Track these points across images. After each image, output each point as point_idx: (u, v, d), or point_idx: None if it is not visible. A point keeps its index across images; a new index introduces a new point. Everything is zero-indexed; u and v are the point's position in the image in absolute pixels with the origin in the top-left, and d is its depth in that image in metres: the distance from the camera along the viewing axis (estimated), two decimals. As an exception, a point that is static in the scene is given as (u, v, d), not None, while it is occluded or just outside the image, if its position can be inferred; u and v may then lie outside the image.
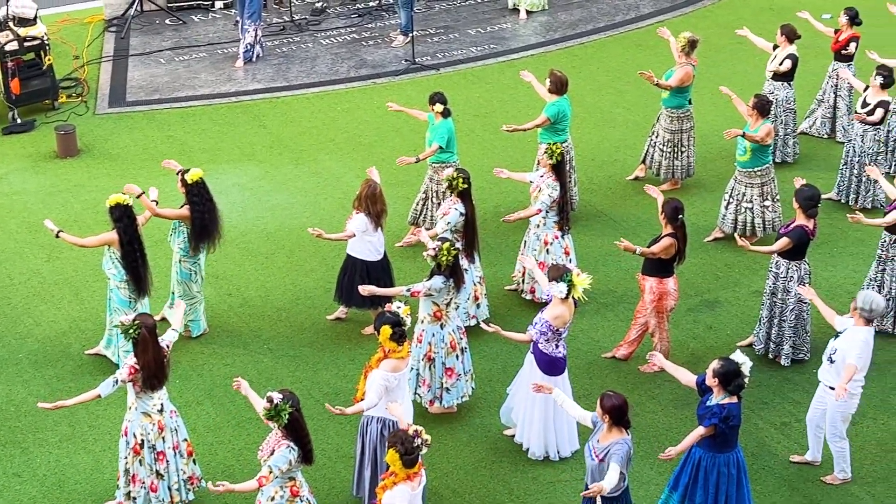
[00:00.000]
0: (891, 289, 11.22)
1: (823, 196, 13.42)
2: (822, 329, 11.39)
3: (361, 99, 16.52)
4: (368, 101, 16.42)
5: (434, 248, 9.88)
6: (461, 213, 10.93)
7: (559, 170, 11.40)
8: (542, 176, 11.53)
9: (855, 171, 13.40)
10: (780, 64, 14.05)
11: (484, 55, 17.87)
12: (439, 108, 12.32)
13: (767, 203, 12.63)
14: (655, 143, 13.92)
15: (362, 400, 8.90)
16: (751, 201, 12.64)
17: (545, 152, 11.37)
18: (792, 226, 10.66)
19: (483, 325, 9.88)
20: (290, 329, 11.67)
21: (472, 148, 14.93)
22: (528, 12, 19.18)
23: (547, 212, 11.44)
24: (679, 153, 13.81)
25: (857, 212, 11.84)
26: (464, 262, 10.95)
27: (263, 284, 12.38)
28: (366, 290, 9.88)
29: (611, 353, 11.22)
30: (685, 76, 13.44)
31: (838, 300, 11.85)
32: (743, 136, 12.29)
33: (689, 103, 13.74)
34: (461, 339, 10.27)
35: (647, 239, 11.14)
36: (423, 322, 10.14)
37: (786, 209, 12.71)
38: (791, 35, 14.04)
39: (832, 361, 9.25)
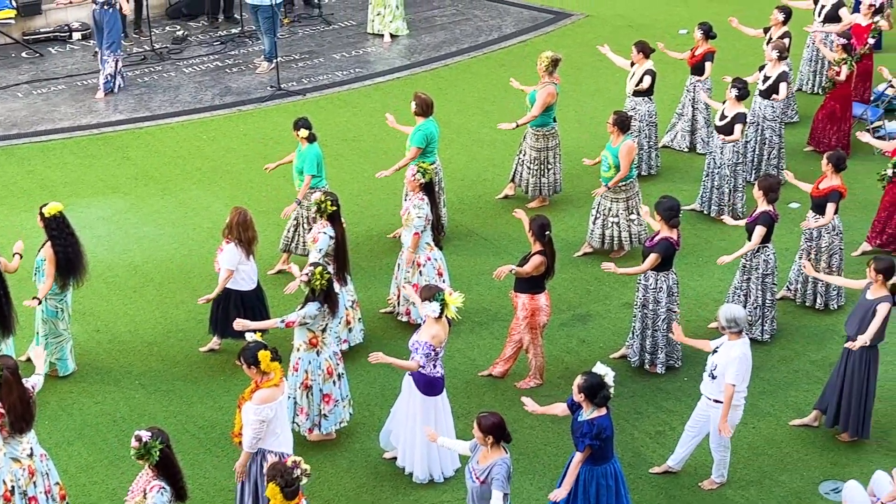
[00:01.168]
0: (756, 297, 11.50)
1: (686, 207, 13.79)
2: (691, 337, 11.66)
3: (227, 126, 16.34)
4: (234, 129, 16.26)
5: (307, 274, 9.80)
6: (331, 237, 10.87)
7: (429, 189, 11.44)
8: (408, 198, 11.56)
9: (716, 183, 13.73)
10: (640, 81, 14.33)
11: (350, 79, 17.86)
12: (304, 133, 12.25)
13: (633, 217, 12.86)
14: (523, 161, 14.07)
15: (241, 433, 8.78)
16: (617, 216, 12.86)
17: (416, 172, 11.39)
18: (657, 238, 10.85)
19: (370, 358, 9.69)
20: (161, 363, 11.45)
21: (341, 172, 14.88)
22: (392, 36, 19.25)
23: (424, 231, 11.46)
24: (546, 170, 13.97)
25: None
26: (336, 286, 10.91)
27: (133, 319, 12.12)
28: (240, 324, 9.72)
29: (487, 371, 11.27)
30: (548, 96, 13.61)
31: (706, 308, 12.12)
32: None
33: (554, 121, 13.92)
34: (338, 364, 10.20)
35: (518, 256, 11.22)
36: (298, 350, 10.04)
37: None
38: (646, 51, 14.32)
39: (714, 377, 9.40)
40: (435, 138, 12.92)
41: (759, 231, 11.19)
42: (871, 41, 15.50)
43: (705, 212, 13.90)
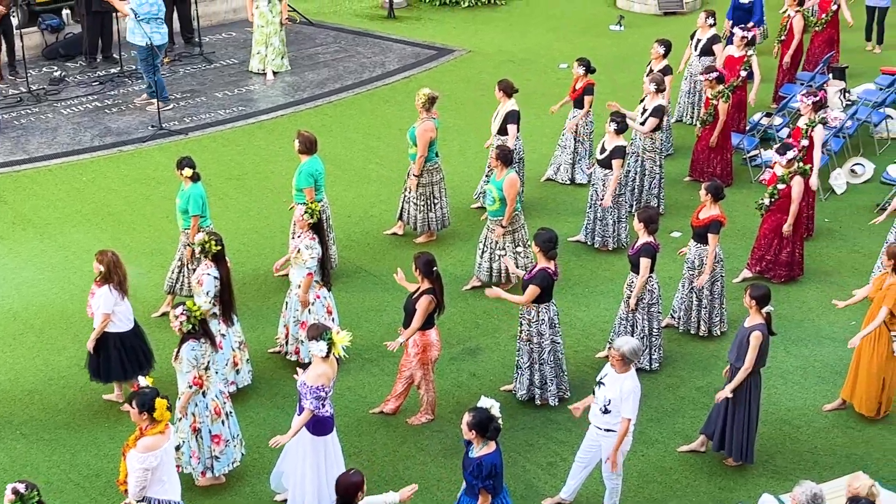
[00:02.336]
0: (643, 327, 11.66)
1: (571, 239, 13.97)
2: (579, 367, 11.77)
3: (108, 168, 16.06)
4: (115, 170, 15.98)
5: (181, 313, 9.66)
6: (216, 278, 10.73)
7: (318, 228, 11.38)
8: (299, 236, 11.47)
9: (598, 214, 13.91)
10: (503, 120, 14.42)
11: (233, 117, 17.71)
12: (188, 172, 12.10)
13: (520, 249, 12.95)
14: (409, 197, 14.08)
15: (126, 481, 8.58)
16: (503, 248, 12.94)
17: (304, 212, 11.31)
18: (535, 270, 10.94)
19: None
20: (43, 411, 11.13)
21: (226, 211, 14.72)
22: (274, 73, 19.17)
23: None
24: (432, 205, 14.00)
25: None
26: (221, 327, 10.75)
27: (12, 367, 11.77)
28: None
29: (378, 409, 11.20)
30: (427, 132, 13.62)
31: (593, 339, 12.25)
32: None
33: (437, 156, 13.97)
34: (224, 403, 10.04)
35: (406, 293, 11.19)
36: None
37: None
38: (508, 90, 14.42)
39: (607, 412, 9.43)
40: (321, 175, 12.87)
41: (645, 263, 11.35)
42: (744, 73, 15.91)
43: (589, 243, 14.06)
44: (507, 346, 12.19)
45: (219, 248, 10.75)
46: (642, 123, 14.40)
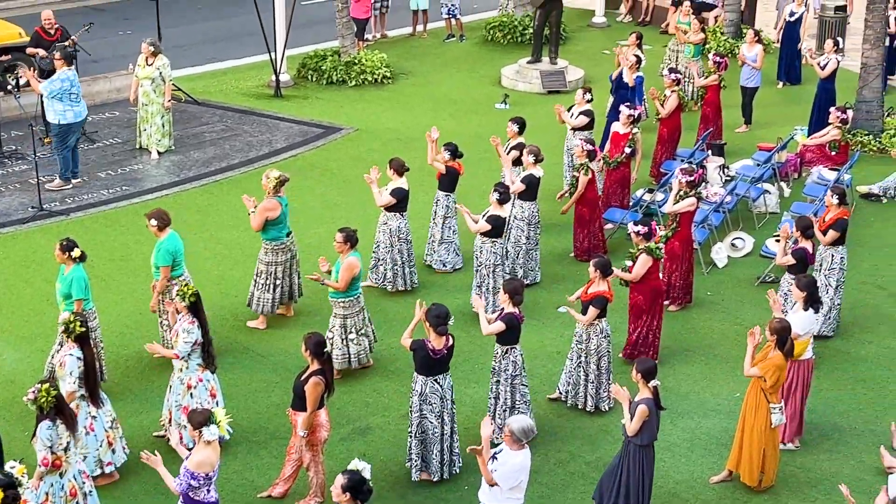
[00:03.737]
0: (506, 399, 11.72)
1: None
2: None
3: (-14, 250, 15.69)
4: (-6, 253, 15.63)
5: (33, 391, 9.44)
6: (78, 358, 10.52)
7: (196, 310, 11.21)
8: (180, 317, 11.29)
9: (477, 281, 14.05)
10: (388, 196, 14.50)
11: (116, 197, 17.46)
12: (77, 252, 11.90)
13: (352, 336, 12.84)
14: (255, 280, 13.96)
15: None
16: (331, 332, 12.83)
17: (177, 295, 11.15)
18: (414, 346, 10.99)
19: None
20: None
21: (107, 293, 14.44)
22: (159, 152, 18.98)
23: (189, 354, 11.18)
24: (274, 286, 13.81)
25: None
26: (91, 409, 10.55)
27: None
28: None
29: (267, 493, 10.99)
30: (265, 211, 13.58)
31: (482, 414, 12.23)
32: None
33: (287, 236, 13.84)
34: (84, 483, 9.77)
35: (295, 371, 11.05)
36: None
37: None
38: (400, 168, 14.54)
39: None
40: (180, 251, 12.68)
41: (498, 327, 11.44)
42: (628, 149, 16.24)
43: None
44: (397, 425, 12.10)
45: (83, 329, 10.53)
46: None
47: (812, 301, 11.66)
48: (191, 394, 11.26)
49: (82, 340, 10.57)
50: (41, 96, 17.54)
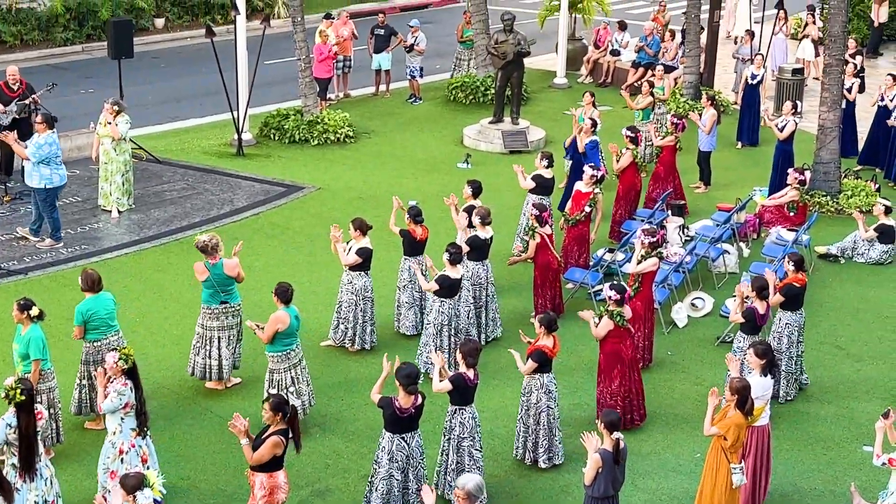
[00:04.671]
0: (452, 460, 11.72)
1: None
2: None
3: (-58, 309, 15.48)
4: (-51, 312, 15.42)
5: None
6: (9, 425, 10.41)
7: (132, 373, 11.05)
8: (115, 380, 11.11)
9: (437, 343, 14.03)
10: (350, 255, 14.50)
11: (76, 256, 17.33)
12: (35, 311, 11.82)
13: (292, 389, 12.78)
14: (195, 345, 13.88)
15: None
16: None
17: (119, 359, 10.99)
18: (383, 403, 11.01)
19: None
20: None
21: (65, 352, 14.25)
22: (119, 211, 18.90)
23: (123, 419, 11.04)
24: (210, 352, 13.72)
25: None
26: (17, 481, 10.40)
27: None
28: None
29: (224, 557, 10.86)
30: (197, 273, 13.62)
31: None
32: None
33: (220, 303, 13.70)
34: None
35: (255, 432, 10.94)
36: None
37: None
38: (363, 228, 14.55)
39: None
40: (101, 312, 12.55)
41: (444, 386, 11.49)
42: (588, 209, 16.35)
43: (423, 370, 14.12)
44: (357, 487, 12.00)
45: (23, 397, 10.38)
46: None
47: (769, 367, 11.74)
48: (121, 458, 11.06)
49: (21, 408, 10.39)
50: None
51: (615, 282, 13.35)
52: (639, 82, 24.66)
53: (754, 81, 23.77)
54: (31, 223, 17.71)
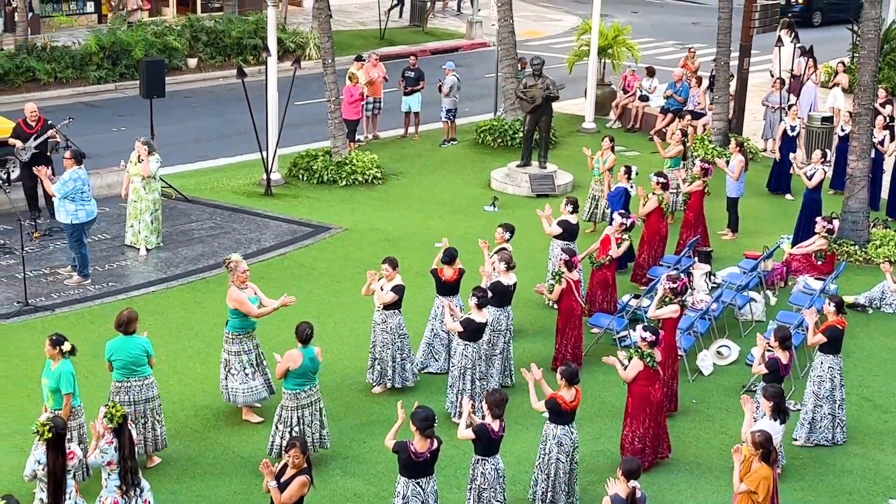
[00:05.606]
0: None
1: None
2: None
3: (-31, 344, 15.61)
4: (-23, 347, 15.54)
5: None
6: (38, 461, 10.48)
7: (119, 432, 10.89)
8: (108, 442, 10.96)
9: (459, 387, 14.01)
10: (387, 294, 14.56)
11: (103, 293, 17.43)
12: (67, 346, 11.91)
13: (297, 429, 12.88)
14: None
15: None
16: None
17: (104, 416, 10.86)
18: (410, 446, 11.00)
19: None
20: None
21: (90, 389, 14.28)
22: (147, 249, 19.01)
23: (108, 475, 10.96)
24: (234, 374, 13.96)
25: None
26: None
27: None
28: None
29: None
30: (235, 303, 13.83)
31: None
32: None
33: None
34: None
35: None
36: None
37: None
38: (395, 265, 14.61)
39: None
40: (123, 356, 12.55)
41: (467, 434, 11.46)
42: (612, 254, 16.34)
43: (447, 411, 14.08)
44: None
45: (50, 435, 10.40)
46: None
47: (778, 411, 11.74)
48: None
49: (51, 445, 10.43)
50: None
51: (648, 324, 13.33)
52: (666, 128, 24.68)
53: (794, 133, 23.61)
54: (71, 259, 17.85)
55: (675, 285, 14.08)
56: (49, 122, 20.06)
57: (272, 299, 14.08)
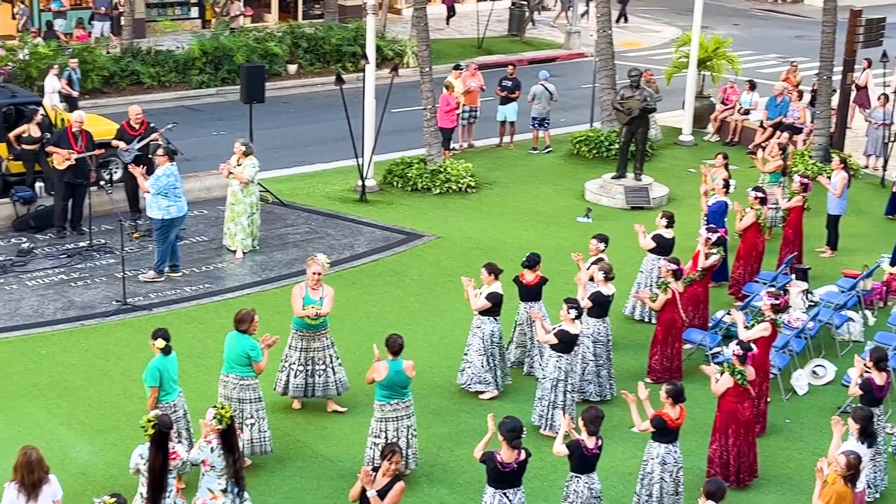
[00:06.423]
0: None
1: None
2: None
3: (68, 342, 15.94)
4: (76, 344, 15.86)
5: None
6: (141, 456, 10.65)
7: (227, 435, 10.90)
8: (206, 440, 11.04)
9: (538, 394, 14.01)
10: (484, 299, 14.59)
11: (199, 294, 17.71)
12: (161, 343, 12.10)
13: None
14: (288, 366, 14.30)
15: None
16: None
17: (213, 417, 10.90)
18: (484, 458, 11.03)
19: None
20: None
21: (184, 390, 14.51)
22: (243, 252, 19.26)
23: (203, 474, 11.01)
24: (314, 370, 14.26)
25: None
26: None
27: (-49, 546, 11.41)
28: None
29: None
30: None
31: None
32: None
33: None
34: None
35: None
36: None
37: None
38: (495, 272, 14.64)
39: None
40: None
41: (562, 451, 11.37)
42: (701, 268, 16.18)
43: (535, 424, 14.02)
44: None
45: (153, 431, 10.54)
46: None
47: (865, 434, 11.55)
48: None
49: (153, 442, 10.57)
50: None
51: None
52: (765, 143, 24.31)
53: None
54: (169, 261, 18.22)
55: (777, 302, 13.89)
56: (152, 126, 20.45)
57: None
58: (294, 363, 14.17)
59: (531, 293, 15.23)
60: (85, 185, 19.55)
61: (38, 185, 20.65)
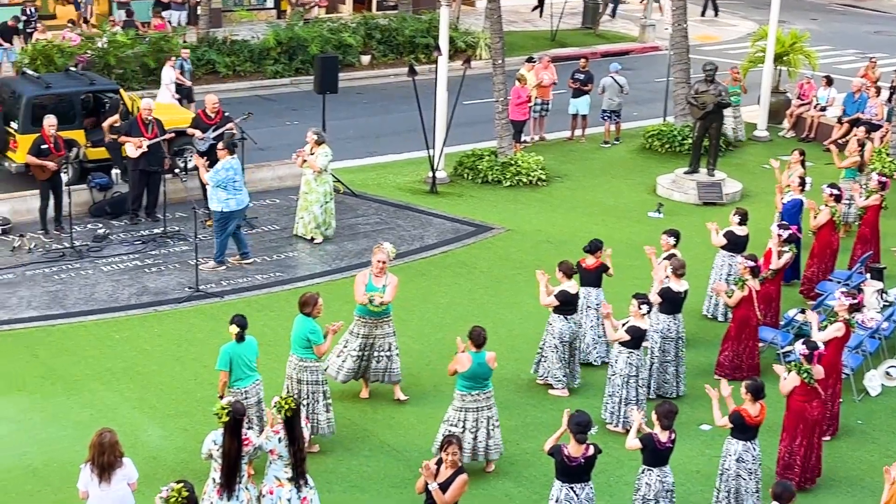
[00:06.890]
0: None
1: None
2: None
3: (142, 327, 16.18)
4: (149, 329, 16.10)
5: (166, 490, 9.70)
6: (214, 442, 10.74)
7: (290, 424, 10.95)
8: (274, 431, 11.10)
9: (609, 391, 13.96)
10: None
11: (270, 283, 17.87)
12: (234, 329, 12.26)
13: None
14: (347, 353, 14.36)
15: None
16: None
17: (273, 406, 10.97)
18: (564, 450, 10.99)
19: None
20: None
21: (253, 377, 14.70)
22: (314, 241, 19.39)
23: (269, 462, 11.10)
24: (378, 357, 14.29)
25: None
26: (214, 497, 10.66)
27: (25, 525, 11.67)
28: None
29: None
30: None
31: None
32: None
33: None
34: None
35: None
36: None
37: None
38: (568, 272, 14.59)
39: None
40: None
41: (634, 444, 11.38)
42: (773, 267, 15.99)
43: (605, 420, 14.01)
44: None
45: (228, 418, 10.64)
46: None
47: None
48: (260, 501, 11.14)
49: (228, 429, 10.65)
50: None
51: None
52: (843, 139, 23.95)
53: None
54: (238, 250, 18.40)
55: (855, 301, 13.71)
56: (227, 115, 20.65)
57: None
58: (353, 349, 14.22)
59: (590, 278, 15.29)
60: (159, 172, 19.81)
61: (115, 171, 20.95)
